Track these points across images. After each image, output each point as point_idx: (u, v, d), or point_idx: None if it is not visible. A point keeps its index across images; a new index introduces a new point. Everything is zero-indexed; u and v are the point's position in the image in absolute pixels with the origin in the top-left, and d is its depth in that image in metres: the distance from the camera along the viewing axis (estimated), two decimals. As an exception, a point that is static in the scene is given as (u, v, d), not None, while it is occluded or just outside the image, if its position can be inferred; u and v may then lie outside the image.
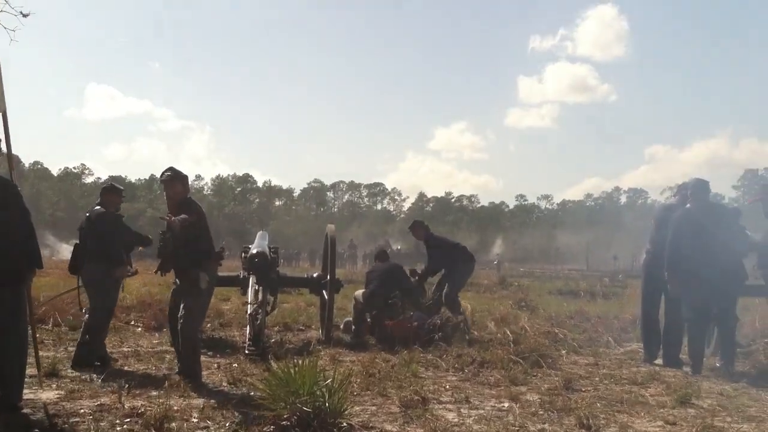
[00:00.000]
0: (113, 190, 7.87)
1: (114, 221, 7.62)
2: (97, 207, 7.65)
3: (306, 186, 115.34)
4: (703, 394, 6.58)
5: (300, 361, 5.33)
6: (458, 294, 10.84)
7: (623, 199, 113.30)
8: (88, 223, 7.56)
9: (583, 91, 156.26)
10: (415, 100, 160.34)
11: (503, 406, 5.89)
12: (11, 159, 5.92)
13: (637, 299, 11.29)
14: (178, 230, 6.41)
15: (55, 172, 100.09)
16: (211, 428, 4.94)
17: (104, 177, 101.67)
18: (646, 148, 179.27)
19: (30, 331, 5.72)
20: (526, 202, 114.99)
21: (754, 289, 8.64)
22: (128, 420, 5.05)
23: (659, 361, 8.35)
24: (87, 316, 7.46)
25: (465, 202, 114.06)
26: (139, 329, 10.08)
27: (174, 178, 6.77)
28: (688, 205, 8.05)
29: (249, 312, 8.64)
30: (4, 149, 5.67)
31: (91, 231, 7.49)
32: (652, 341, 8.56)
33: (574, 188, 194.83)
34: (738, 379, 7.32)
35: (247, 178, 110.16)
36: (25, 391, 5.78)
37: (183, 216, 6.45)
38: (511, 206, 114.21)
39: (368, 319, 9.87)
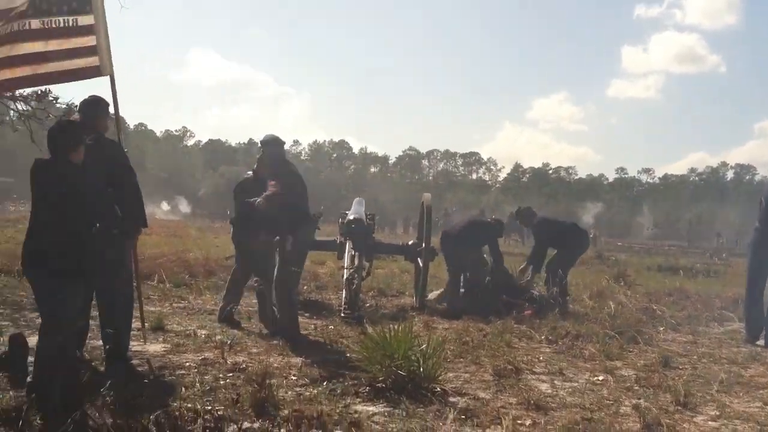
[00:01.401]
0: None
1: None
2: None
3: (401, 154, 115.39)
4: (807, 378, 6.38)
5: (395, 326, 5.44)
6: (568, 273, 10.42)
7: (729, 174, 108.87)
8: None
9: (690, 61, 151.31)
10: (513, 70, 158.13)
11: (597, 380, 5.86)
12: (119, 121, 6.19)
13: (740, 278, 10.97)
14: (264, 208, 6.61)
15: (158, 134, 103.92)
16: (309, 386, 5.11)
17: (204, 140, 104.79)
18: (756, 122, 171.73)
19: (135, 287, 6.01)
20: (626, 176, 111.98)
21: None
22: (231, 374, 5.29)
23: (761, 342, 8.09)
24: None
25: (562, 173, 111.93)
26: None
27: (271, 143, 6.95)
28: None
29: (345, 276, 8.81)
30: (113, 112, 5.90)
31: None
32: (754, 321, 8.30)
33: (677, 163, 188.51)
34: None
35: (343, 145, 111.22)
36: (133, 343, 6.12)
37: (266, 194, 6.65)
38: (611, 179, 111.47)
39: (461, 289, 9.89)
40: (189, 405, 4.26)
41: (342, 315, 8.23)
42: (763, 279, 8.27)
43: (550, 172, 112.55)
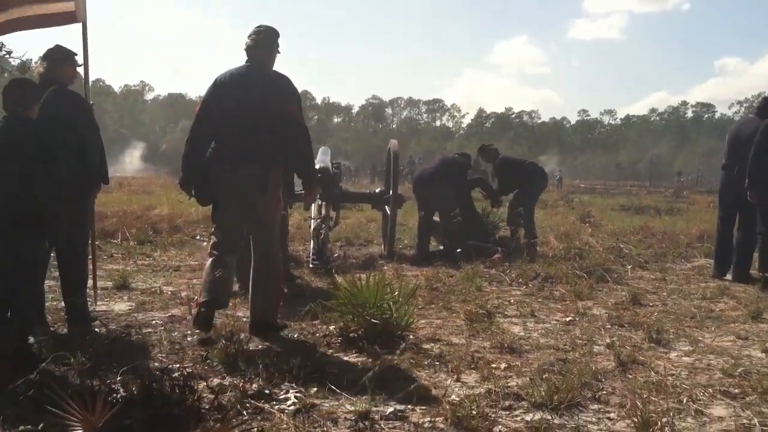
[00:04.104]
0: None
1: None
2: None
3: (364, 103, 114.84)
4: (776, 309, 6.44)
5: (367, 275, 5.35)
6: (533, 212, 10.61)
7: (690, 113, 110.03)
8: None
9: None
10: (473, 12, 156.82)
11: (569, 320, 5.86)
12: (87, 74, 5.94)
13: (702, 215, 11.07)
14: None
15: (117, 89, 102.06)
16: (280, 338, 5.02)
17: (164, 94, 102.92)
18: (717, 59, 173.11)
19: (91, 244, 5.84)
20: (588, 118, 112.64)
21: None
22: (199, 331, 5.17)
23: (729, 276, 8.17)
24: None
25: (525, 117, 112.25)
26: (205, 243, 10.24)
27: None
28: None
29: (312, 227, 8.70)
30: (82, 62, 5.64)
31: None
32: (723, 257, 8.36)
33: (639, 103, 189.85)
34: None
35: (305, 95, 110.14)
36: (99, 303, 5.99)
37: None
38: (573, 122, 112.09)
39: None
40: (156, 364, 4.16)
41: (310, 266, 8.14)
42: (732, 216, 8.31)
43: (513, 116, 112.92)
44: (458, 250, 9.05)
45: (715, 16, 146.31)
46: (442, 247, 9.76)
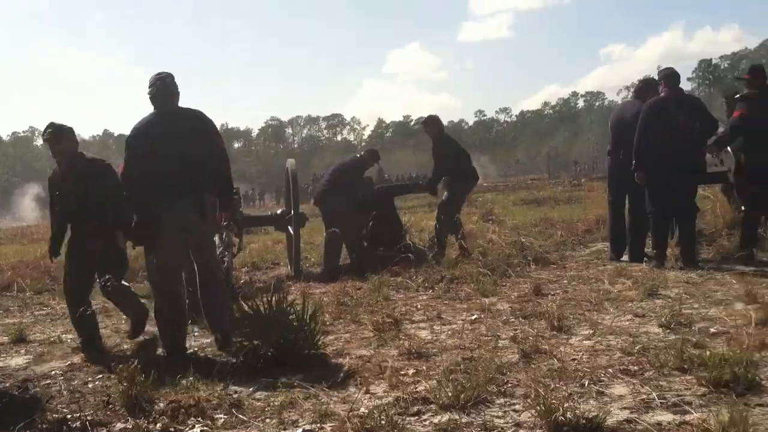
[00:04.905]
0: None
1: None
2: None
3: (263, 125, 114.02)
4: (670, 285, 6.70)
5: (269, 298, 5.30)
6: (457, 215, 10.03)
7: (581, 103, 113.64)
8: None
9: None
10: (363, 23, 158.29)
11: (475, 318, 5.95)
12: None
13: (599, 201, 11.43)
14: None
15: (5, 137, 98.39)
16: (184, 374, 4.91)
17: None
18: (602, 48, 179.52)
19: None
20: (485, 118, 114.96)
21: (711, 176, 8.76)
22: (100, 376, 5.02)
23: (625, 258, 8.45)
24: None
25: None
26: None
27: (57, 132, 6.11)
28: (662, 94, 8.01)
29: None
30: None
31: None
32: (617, 239, 8.65)
33: (532, 98, 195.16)
34: (702, 266, 7.45)
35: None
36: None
37: None
38: (471, 123, 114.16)
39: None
40: (55, 415, 4.01)
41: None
42: (621, 199, 8.59)
43: (412, 123, 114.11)
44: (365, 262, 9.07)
45: (597, 5, 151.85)
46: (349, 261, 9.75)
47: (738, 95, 8.33)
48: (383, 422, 3.46)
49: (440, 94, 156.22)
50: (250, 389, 4.41)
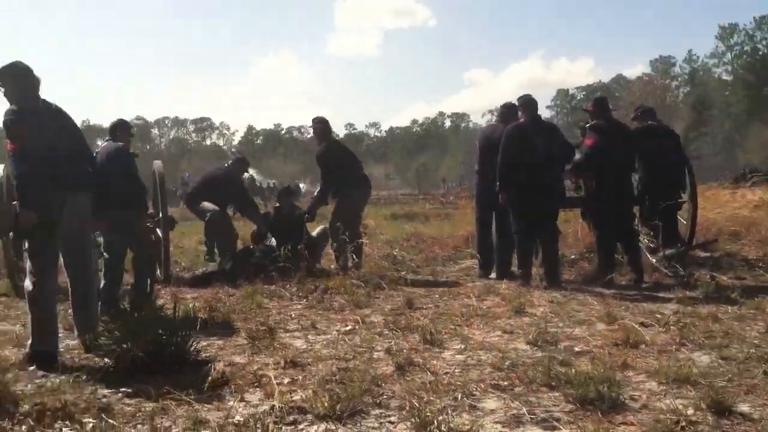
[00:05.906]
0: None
1: None
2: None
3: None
4: (535, 303, 6.95)
5: (137, 303, 5.15)
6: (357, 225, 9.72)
7: (448, 123, 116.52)
8: None
9: (404, 15, 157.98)
10: (234, 29, 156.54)
11: (349, 329, 5.98)
12: None
13: (468, 218, 11.73)
14: None
15: None
16: (52, 377, 4.69)
17: None
18: (466, 72, 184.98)
19: None
20: (355, 131, 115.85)
21: (570, 201, 9.18)
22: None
23: (493, 275, 8.72)
24: None
25: (295, 133, 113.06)
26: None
27: None
28: (521, 119, 8.31)
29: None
30: None
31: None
32: (486, 257, 8.92)
33: (401, 115, 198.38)
34: (565, 287, 7.78)
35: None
36: None
37: None
38: (342, 135, 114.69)
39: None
40: None
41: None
42: (489, 217, 8.87)
43: (283, 132, 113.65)
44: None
45: (460, 29, 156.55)
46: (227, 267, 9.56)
47: (588, 124, 8.76)
48: (259, 431, 3.43)
49: (310, 104, 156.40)
50: (120, 394, 4.26)
